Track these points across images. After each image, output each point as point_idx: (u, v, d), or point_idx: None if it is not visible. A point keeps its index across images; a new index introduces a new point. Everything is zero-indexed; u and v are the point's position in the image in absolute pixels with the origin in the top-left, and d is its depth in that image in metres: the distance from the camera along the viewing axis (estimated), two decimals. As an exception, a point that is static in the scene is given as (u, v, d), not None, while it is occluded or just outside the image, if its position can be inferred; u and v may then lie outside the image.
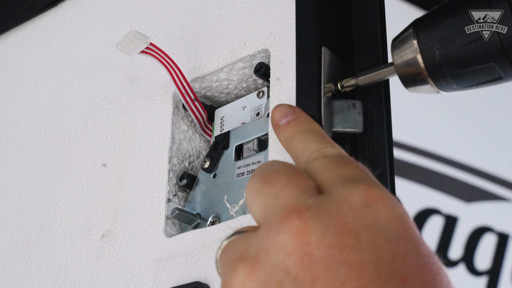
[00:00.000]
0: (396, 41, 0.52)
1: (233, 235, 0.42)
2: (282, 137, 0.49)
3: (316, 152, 0.44)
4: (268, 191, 0.41)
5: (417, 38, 0.50)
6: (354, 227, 0.38)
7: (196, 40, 0.66)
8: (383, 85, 0.56)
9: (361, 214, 0.38)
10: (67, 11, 0.81)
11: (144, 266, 0.61)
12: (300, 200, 0.39)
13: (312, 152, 0.44)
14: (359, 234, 0.37)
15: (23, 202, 0.75)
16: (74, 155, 0.72)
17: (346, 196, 0.39)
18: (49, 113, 0.77)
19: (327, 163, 0.43)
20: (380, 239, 0.37)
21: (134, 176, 0.66)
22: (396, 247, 0.37)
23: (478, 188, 1.45)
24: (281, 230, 0.38)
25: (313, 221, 0.38)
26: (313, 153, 0.44)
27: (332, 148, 0.44)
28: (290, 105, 0.51)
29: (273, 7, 0.61)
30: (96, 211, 0.67)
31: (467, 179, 1.45)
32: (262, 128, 0.60)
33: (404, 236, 0.38)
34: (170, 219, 0.62)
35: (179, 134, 0.65)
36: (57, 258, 0.69)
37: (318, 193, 0.41)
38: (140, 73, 0.70)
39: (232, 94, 0.66)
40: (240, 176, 0.60)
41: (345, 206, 0.38)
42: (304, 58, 0.56)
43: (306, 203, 0.39)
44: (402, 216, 0.39)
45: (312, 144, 0.45)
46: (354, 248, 0.37)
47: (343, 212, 0.38)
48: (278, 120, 0.49)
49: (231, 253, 0.40)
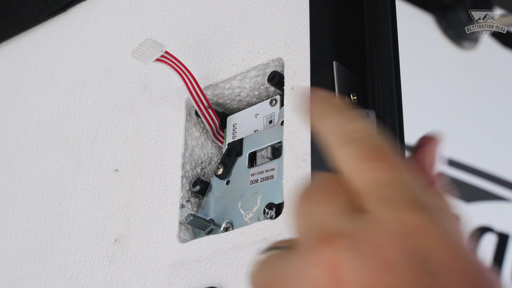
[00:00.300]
0: None
1: (271, 249, 0.39)
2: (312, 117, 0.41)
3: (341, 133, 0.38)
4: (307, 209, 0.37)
5: None
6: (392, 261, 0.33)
7: (209, 48, 0.67)
8: (395, 94, 0.57)
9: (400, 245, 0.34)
10: (77, 17, 0.82)
11: (158, 271, 0.62)
12: (335, 224, 0.36)
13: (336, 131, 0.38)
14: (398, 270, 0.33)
15: (34, 206, 0.76)
16: (85, 160, 0.73)
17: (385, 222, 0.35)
18: (59, 118, 0.78)
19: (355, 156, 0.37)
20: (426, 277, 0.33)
21: (147, 182, 0.66)
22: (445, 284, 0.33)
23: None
24: (311, 262, 0.35)
25: (347, 253, 0.34)
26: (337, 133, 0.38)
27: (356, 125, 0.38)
28: None
29: (287, 16, 0.62)
30: (109, 216, 0.68)
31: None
32: (276, 136, 0.61)
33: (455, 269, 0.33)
34: (184, 224, 0.63)
35: (192, 141, 0.66)
36: (69, 262, 0.69)
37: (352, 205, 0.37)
38: (152, 79, 0.70)
39: (243, 102, 0.67)
40: (253, 183, 0.61)
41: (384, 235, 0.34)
42: (319, 68, 0.57)
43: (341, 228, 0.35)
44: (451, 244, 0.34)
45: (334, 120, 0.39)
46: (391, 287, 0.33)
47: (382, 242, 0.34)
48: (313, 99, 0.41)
49: (264, 276, 0.37)
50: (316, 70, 0.57)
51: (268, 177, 0.60)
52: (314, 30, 0.58)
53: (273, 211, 0.57)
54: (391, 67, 0.57)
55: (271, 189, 0.59)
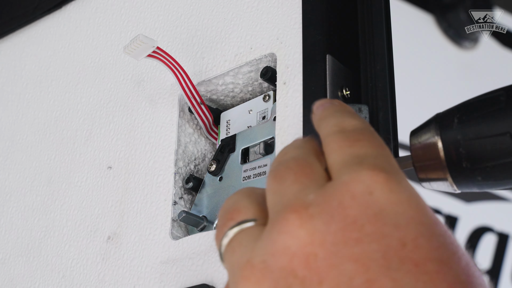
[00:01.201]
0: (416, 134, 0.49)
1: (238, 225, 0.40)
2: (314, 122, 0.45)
3: (335, 125, 0.41)
4: (276, 189, 0.39)
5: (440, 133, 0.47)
6: (357, 218, 0.35)
7: (202, 43, 0.66)
8: (389, 89, 0.57)
9: (364, 203, 0.36)
10: (72, 14, 0.81)
11: (151, 268, 0.62)
12: (301, 197, 0.37)
13: (331, 125, 0.41)
14: (364, 225, 0.35)
15: (28, 204, 0.75)
16: (79, 157, 0.73)
17: (348, 184, 0.36)
18: (54, 115, 0.78)
19: (340, 139, 0.40)
20: (387, 227, 0.35)
21: (140, 179, 0.66)
22: (405, 232, 0.35)
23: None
24: (282, 231, 0.37)
25: (313, 219, 0.36)
26: (332, 126, 0.41)
27: (352, 119, 0.41)
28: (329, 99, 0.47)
29: (280, 11, 0.61)
30: (102, 213, 0.68)
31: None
32: (268, 131, 0.60)
33: (414, 219, 0.35)
34: (177, 221, 0.62)
35: (185, 137, 0.66)
36: (62, 260, 0.69)
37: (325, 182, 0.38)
38: (146, 76, 0.70)
39: (237, 98, 0.67)
40: (246, 180, 0.60)
41: (347, 196, 0.36)
42: (311, 63, 0.56)
43: (307, 199, 0.37)
44: (410, 198, 0.36)
45: (334, 119, 0.42)
46: (359, 241, 0.35)
47: (345, 203, 0.36)
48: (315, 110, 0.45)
49: (238, 256, 0.39)
50: (309, 64, 0.57)
51: (260, 173, 0.59)
52: (307, 25, 0.58)
53: (265, 207, 0.56)
54: (385, 62, 0.57)
55: (263, 185, 0.58)
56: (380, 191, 0.36)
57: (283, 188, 0.39)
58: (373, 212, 0.36)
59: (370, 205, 0.36)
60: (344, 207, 0.36)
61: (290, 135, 0.56)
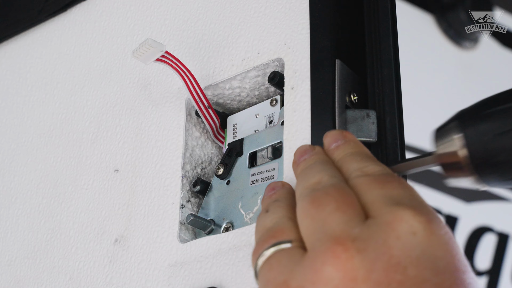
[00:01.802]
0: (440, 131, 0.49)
1: (276, 244, 0.41)
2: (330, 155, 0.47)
3: (358, 170, 0.43)
4: (316, 215, 0.40)
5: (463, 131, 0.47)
6: (401, 260, 0.37)
7: (209, 48, 0.67)
8: (395, 94, 0.57)
9: (408, 244, 0.37)
10: (77, 17, 0.82)
11: (159, 271, 0.62)
12: (346, 229, 0.38)
13: (354, 170, 0.43)
14: (407, 268, 0.36)
15: (34, 206, 0.76)
16: (85, 160, 0.73)
17: (391, 223, 0.38)
18: (59, 118, 0.78)
19: (368, 181, 0.41)
20: (427, 272, 0.36)
21: (147, 182, 0.66)
22: (443, 279, 0.36)
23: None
24: (327, 262, 0.37)
25: (359, 254, 0.37)
26: (355, 171, 0.43)
27: (375, 166, 0.43)
28: (341, 130, 0.49)
29: (287, 16, 0.62)
30: (109, 216, 0.68)
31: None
32: (276, 136, 0.61)
33: (451, 265, 0.37)
34: (184, 224, 0.63)
35: (192, 141, 0.66)
36: (69, 262, 0.69)
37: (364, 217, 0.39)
38: (152, 79, 0.70)
39: (243, 102, 0.67)
40: (254, 183, 0.61)
41: (392, 236, 0.37)
42: (319, 68, 0.57)
43: (353, 233, 0.38)
44: (449, 243, 0.38)
45: (355, 163, 0.44)
46: (401, 284, 0.36)
47: (390, 243, 0.37)
48: (329, 145, 0.48)
49: (275, 275, 0.39)
50: (316, 70, 0.57)
51: (268, 177, 0.60)
52: (314, 30, 0.58)
53: (273, 211, 0.57)
54: (391, 67, 0.57)
55: (271, 189, 0.59)
56: (423, 232, 0.37)
57: (324, 215, 0.40)
58: (416, 255, 0.37)
59: (414, 247, 0.37)
60: (389, 246, 0.37)
61: (298, 140, 0.56)
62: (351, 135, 0.48)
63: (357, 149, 0.46)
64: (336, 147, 0.47)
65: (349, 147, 0.46)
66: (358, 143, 0.47)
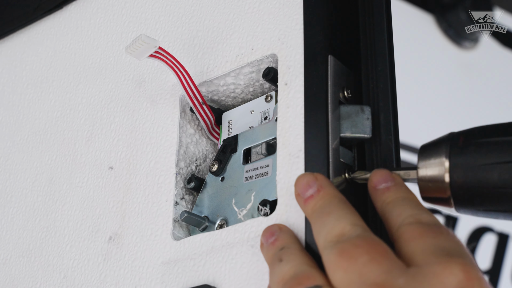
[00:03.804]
0: (427, 150, 0.49)
1: None
2: (378, 201, 0.47)
3: (411, 217, 0.43)
4: (349, 267, 0.40)
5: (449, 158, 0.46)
6: None
7: (203, 44, 0.66)
8: (390, 90, 0.57)
9: None
10: (73, 14, 0.81)
11: (152, 269, 0.62)
12: (389, 279, 0.38)
13: (407, 216, 0.43)
14: None
15: (29, 204, 0.75)
16: (80, 157, 0.73)
17: (440, 275, 0.37)
18: (54, 116, 0.78)
19: (422, 230, 0.41)
20: None
21: (141, 179, 0.66)
22: None
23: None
24: None
25: None
26: (408, 217, 0.43)
27: (428, 215, 0.43)
28: (390, 171, 0.49)
29: (281, 12, 0.61)
30: (103, 214, 0.68)
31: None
32: (270, 132, 0.60)
33: None
34: (178, 222, 0.62)
35: (186, 138, 0.66)
36: (63, 260, 0.69)
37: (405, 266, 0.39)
38: (147, 76, 0.70)
39: (238, 98, 0.67)
40: (248, 180, 0.60)
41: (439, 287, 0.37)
42: (312, 63, 0.56)
43: (397, 283, 0.38)
44: None
45: (409, 209, 0.44)
46: None
47: None
48: (377, 184, 0.48)
49: None
50: (310, 65, 0.57)
51: (262, 174, 0.59)
52: (308, 26, 0.58)
53: (267, 208, 0.56)
54: (386, 62, 0.57)
55: (265, 186, 0.58)
56: None
57: (358, 267, 0.39)
58: None
59: None
60: None
61: (292, 136, 0.56)
62: (399, 178, 0.48)
63: (410, 195, 0.46)
64: (386, 188, 0.47)
65: (401, 192, 0.46)
66: (408, 189, 0.47)
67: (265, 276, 0.53)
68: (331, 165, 0.52)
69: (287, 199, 0.54)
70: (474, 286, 0.37)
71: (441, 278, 0.37)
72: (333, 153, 0.53)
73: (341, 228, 0.43)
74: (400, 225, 0.43)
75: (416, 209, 0.44)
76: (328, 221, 0.44)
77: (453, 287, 0.37)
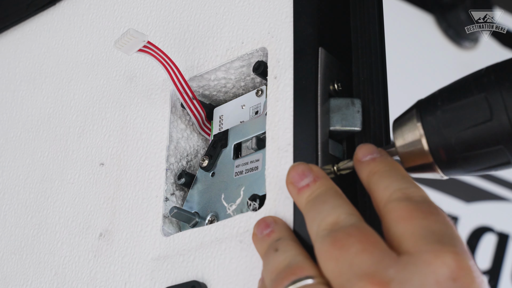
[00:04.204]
0: (398, 122, 0.49)
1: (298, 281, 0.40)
2: (363, 172, 0.46)
3: (399, 191, 0.42)
4: (340, 257, 0.39)
5: (421, 120, 0.46)
6: None
7: (193, 38, 0.66)
8: (381, 83, 0.56)
9: None
10: (66, 10, 0.81)
11: (142, 265, 0.61)
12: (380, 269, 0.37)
13: (395, 190, 0.42)
14: None
15: (21, 202, 0.75)
16: (72, 154, 0.72)
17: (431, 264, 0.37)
18: (47, 112, 0.77)
19: (411, 209, 0.40)
20: None
21: (132, 175, 0.66)
22: None
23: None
24: None
25: None
26: (396, 191, 0.42)
27: (417, 189, 0.42)
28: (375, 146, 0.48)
29: (271, 5, 0.61)
30: (94, 210, 0.67)
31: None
32: (261, 126, 0.60)
33: None
34: (168, 218, 0.62)
35: (177, 133, 0.65)
36: (55, 257, 0.69)
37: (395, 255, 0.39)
38: (138, 72, 0.69)
39: (230, 93, 0.66)
40: (238, 175, 0.60)
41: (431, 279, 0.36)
42: (302, 56, 0.56)
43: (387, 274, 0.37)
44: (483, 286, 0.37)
45: (397, 182, 0.42)
46: None
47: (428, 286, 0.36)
48: (362, 156, 0.46)
49: None
50: (300, 58, 0.56)
51: (252, 168, 0.59)
52: (298, 18, 0.57)
53: (256, 203, 0.56)
54: (377, 54, 0.56)
55: (255, 181, 0.58)
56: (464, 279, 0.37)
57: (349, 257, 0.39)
58: None
59: None
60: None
61: (281, 130, 0.55)
62: (385, 152, 0.47)
63: (396, 165, 0.44)
64: (372, 159, 0.46)
65: (388, 162, 0.45)
66: (395, 161, 0.46)
67: (254, 271, 0.53)
68: (319, 159, 0.52)
69: (276, 193, 0.53)
70: (467, 275, 0.37)
71: (432, 268, 0.37)
72: (322, 147, 0.52)
73: (336, 216, 0.42)
74: (387, 200, 0.42)
75: (404, 181, 0.42)
76: (323, 209, 0.44)
77: (445, 277, 0.37)
